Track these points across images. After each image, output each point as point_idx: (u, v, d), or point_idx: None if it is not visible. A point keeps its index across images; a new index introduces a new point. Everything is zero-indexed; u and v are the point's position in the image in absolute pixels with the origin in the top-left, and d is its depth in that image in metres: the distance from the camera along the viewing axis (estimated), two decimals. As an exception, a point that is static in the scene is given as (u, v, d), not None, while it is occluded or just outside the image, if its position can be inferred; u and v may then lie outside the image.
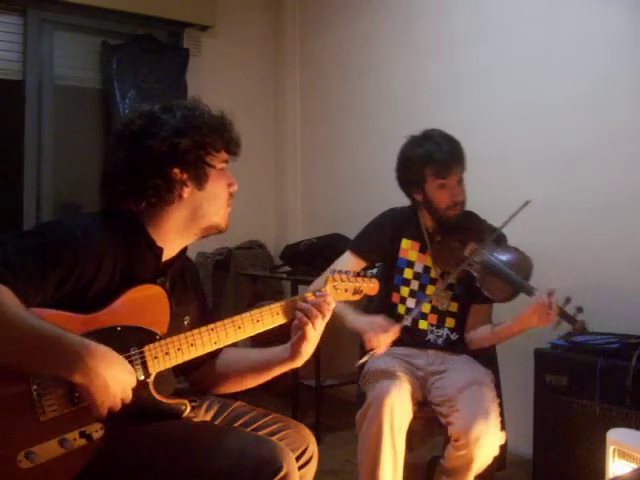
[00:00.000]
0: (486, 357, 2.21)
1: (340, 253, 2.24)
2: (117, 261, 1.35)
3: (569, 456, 2.18)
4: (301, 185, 4.24)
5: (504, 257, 2.04)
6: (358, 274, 1.60)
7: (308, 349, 1.49)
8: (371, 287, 1.63)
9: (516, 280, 1.98)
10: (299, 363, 1.52)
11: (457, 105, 3.13)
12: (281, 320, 1.46)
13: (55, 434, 1.22)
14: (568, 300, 1.90)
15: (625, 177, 2.46)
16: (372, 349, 1.88)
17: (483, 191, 2.89)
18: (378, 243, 2.20)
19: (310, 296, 1.49)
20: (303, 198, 4.24)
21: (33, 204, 3.58)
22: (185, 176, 1.41)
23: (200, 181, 1.42)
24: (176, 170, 1.39)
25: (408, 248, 2.21)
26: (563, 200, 2.66)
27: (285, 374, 1.57)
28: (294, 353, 1.49)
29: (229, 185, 1.49)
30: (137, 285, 1.36)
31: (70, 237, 1.31)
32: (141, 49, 3.78)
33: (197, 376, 1.60)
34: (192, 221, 1.45)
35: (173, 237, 1.45)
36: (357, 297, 1.61)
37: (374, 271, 1.71)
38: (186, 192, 1.42)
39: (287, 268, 3.72)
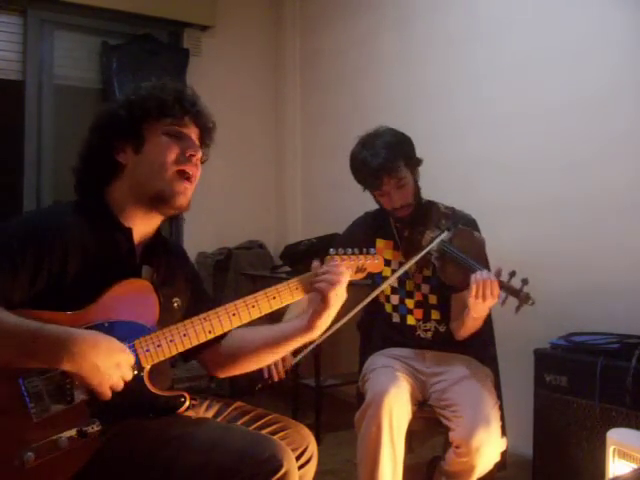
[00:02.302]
0: (486, 357, 2.21)
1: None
2: (86, 244, 1.36)
3: (569, 456, 2.18)
4: (301, 185, 4.25)
5: (456, 242, 2.02)
6: (360, 251, 1.55)
7: (328, 318, 1.46)
8: (375, 264, 1.57)
9: (466, 263, 1.95)
10: (316, 334, 1.48)
11: (456, 105, 3.12)
12: (285, 301, 1.44)
13: (51, 433, 1.22)
14: (513, 274, 1.87)
15: (626, 179, 2.46)
16: (268, 378, 1.83)
17: (481, 192, 2.90)
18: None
19: (319, 266, 1.47)
20: (303, 198, 4.24)
21: (33, 204, 3.58)
22: (124, 143, 1.43)
23: (136, 145, 1.43)
24: (116, 138, 1.43)
25: (383, 247, 2.22)
26: (564, 203, 2.65)
27: (285, 374, 1.55)
28: (312, 323, 1.46)
29: (178, 151, 1.43)
30: (119, 275, 1.36)
31: (33, 228, 1.33)
32: (141, 49, 3.78)
33: (202, 359, 1.60)
34: (137, 189, 1.43)
35: (134, 214, 1.44)
36: (361, 275, 1.56)
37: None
38: (123, 158, 1.43)
39: (287, 268, 3.72)
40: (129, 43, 3.78)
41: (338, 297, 1.44)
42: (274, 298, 1.43)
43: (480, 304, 1.86)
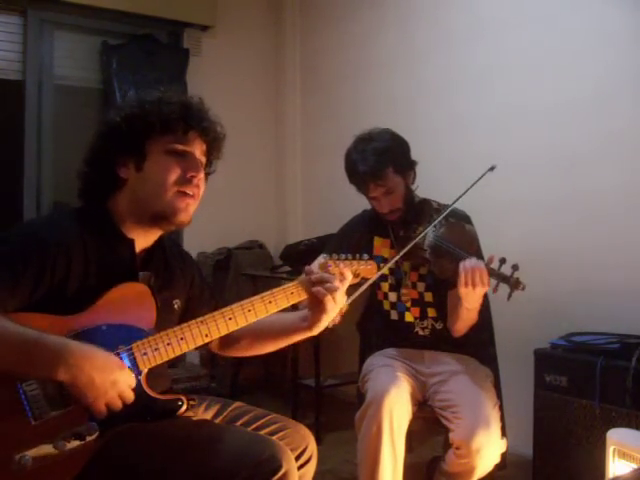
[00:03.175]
0: (486, 357, 2.21)
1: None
2: (88, 256, 1.35)
3: (569, 456, 2.18)
4: (301, 185, 4.24)
5: (448, 235, 2.02)
6: (354, 257, 1.58)
7: (327, 321, 1.49)
8: (369, 269, 1.60)
9: (458, 255, 1.95)
10: (316, 332, 1.53)
11: (456, 105, 3.12)
12: (281, 305, 1.46)
13: (48, 437, 1.21)
14: (503, 261, 1.87)
15: (626, 179, 2.45)
16: None
17: (481, 191, 2.89)
18: (350, 247, 2.21)
19: (312, 271, 1.49)
20: (303, 198, 4.24)
21: (33, 204, 3.58)
22: (126, 158, 1.41)
23: (138, 162, 1.40)
24: (118, 153, 1.41)
25: (380, 246, 2.24)
26: (564, 202, 2.65)
27: (285, 374, 1.56)
28: (313, 324, 1.50)
29: (179, 172, 1.40)
30: (119, 283, 1.35)
31: (36, 239, 1.31)
32: (141, 49, 3.77)
33: (209, 347, 1.63)
34: (137, 206, 1.41)
35: (135, 227, 1.43)
36: (355, 280, 1.59)
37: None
38: (124, 173, 1.41)
39: (287, 268, 3.72)
40: (129, 43, 3.77)
41: (336, 302, 1.46)
42: (270, 302, 1.45)
43: (471, 292, 1.86)
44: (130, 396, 1.26)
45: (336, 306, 1.47)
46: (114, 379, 1.23)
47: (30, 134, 3.56)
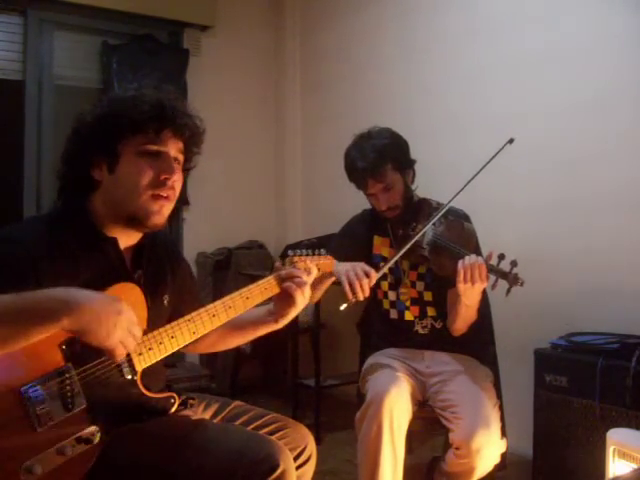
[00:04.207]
0: (486, 357, 2.21)
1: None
2: (76, 260, 1.32)
3: (569, 456, 2.18)
4: (301, 185, 4.24)
5: (447, 233, 2.03)
6: (313, 252, 1.67)
7: (293, 315, 1.58)
8: (327, 263, 1.71)
9: (457, 252, 1.95)
10: (281, 325, 1.61)
11: (457, 104, 3.12)
12: (256, 301, 1.53)
13: (52, 443, 1.20)
14: (502, 257, 1.87)
15: (626, 179, 2.45)
16: (353, 297, 1.87)
17: (481, 192, 2.90)
18: (353, 248, 2.22)
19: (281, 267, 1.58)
20: (303, 198, 4.24)
21: (33, 204, 3.58)
22: (99, 159, 1.38)
23: (110, 163, 1.37)
24: (92, 153, 1.38)
25: (380, 244, 2.25)
26: (564, 203, 2.65)
27: (285, 374, 1.57)
28: (279, 319, 1.59)
29: (152, 175, 1.36)
30: (112, 284, 1.34)
31: (18, 246, 1.28)
32: (141, 49, 3.77)
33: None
34: (112, 208, 1.39)
35: (114, 227, 1.41)
36: (317, 275, 1.66)
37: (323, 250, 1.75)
38: (97, 174, 1.39)
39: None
40: (129, 43, 3.77)
41: (304, 296, 1.55)
42: (247, 298, 1.52)
43: (470, 289, 1.87)
44: (137, 328, 1.24)
45: (304, 299, 1.54)
46: (118, 309, 1.20)
47: (30, 134, 3.56)
